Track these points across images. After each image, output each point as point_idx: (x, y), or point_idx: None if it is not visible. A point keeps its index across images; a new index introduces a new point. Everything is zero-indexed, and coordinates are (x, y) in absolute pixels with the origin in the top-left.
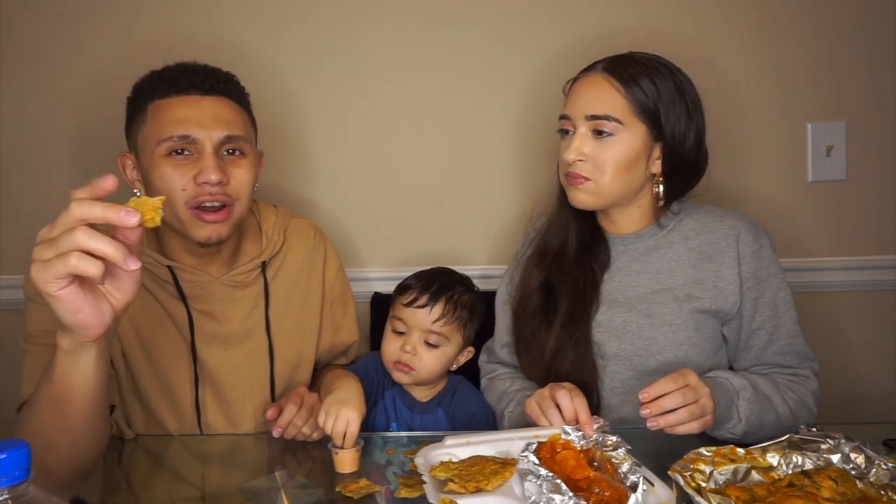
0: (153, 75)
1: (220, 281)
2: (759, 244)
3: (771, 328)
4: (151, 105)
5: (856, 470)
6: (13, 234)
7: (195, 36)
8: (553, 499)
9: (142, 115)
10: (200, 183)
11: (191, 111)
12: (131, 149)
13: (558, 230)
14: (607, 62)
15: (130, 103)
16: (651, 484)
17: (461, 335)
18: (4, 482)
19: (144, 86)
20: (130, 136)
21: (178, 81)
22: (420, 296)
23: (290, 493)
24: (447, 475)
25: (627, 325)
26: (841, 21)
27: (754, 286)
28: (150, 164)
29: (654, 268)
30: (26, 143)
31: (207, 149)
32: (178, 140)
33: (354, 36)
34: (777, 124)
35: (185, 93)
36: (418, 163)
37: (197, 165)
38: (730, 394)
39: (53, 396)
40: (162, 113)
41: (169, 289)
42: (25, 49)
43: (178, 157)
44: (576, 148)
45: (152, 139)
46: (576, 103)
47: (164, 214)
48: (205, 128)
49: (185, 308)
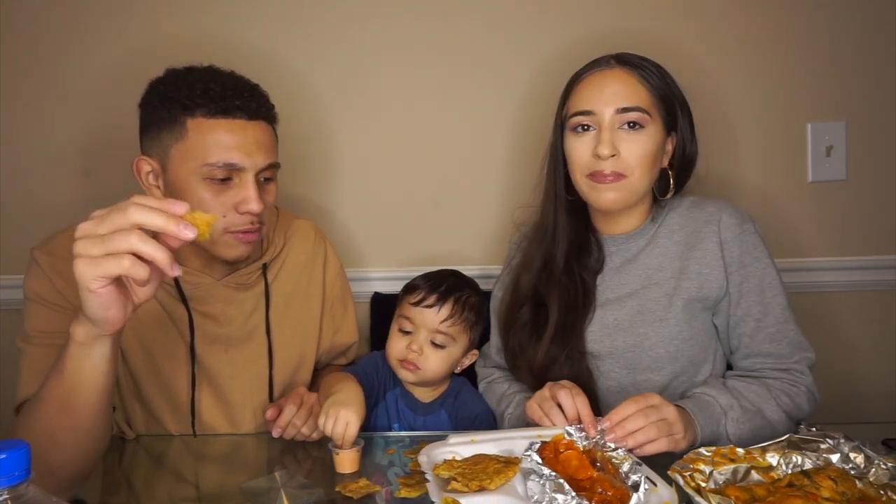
0: (190, 84)
1: (221, 283)
2: (743, 228)
3: (758, 314)
4: (193, 121)
5: (855, 470)
6: (13, 235)
7: (184, 35)
8: (556, 498)
9: (178, 128)
10: (243, 212)
11: (237, 139)
12: (151, 153)
13: (545, 236)
14: (616, 58)
15: (156, 107)
16: (653, 483)
17: (467, 337)
18: (4, 482)
19: (181, 96)
20: (154, 141)
21: (224, 102)
22: (428, 295)
23: (290, 493)
24: (450, 474)
25: (619, 323)
26: (841, 21)
27: (738, 270)
28: (182, 180)
29: (643, 264)
30: (26, 143)
31: (250, 178)
32: (223, 167)
33: (353, 38)
34: (777, 124)
35: (231, 116)
36: (417, 163)
37: (238, 193)
38: (716, 415)
39: (62, 392)
40: (208, 135)
41: (170, 290)
42: (26, 49)
43: (219, 183)
44: (609, 141)
45: (193, 158)
46: (598, 97)
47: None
48: (250, 156)
49: (185, 309)
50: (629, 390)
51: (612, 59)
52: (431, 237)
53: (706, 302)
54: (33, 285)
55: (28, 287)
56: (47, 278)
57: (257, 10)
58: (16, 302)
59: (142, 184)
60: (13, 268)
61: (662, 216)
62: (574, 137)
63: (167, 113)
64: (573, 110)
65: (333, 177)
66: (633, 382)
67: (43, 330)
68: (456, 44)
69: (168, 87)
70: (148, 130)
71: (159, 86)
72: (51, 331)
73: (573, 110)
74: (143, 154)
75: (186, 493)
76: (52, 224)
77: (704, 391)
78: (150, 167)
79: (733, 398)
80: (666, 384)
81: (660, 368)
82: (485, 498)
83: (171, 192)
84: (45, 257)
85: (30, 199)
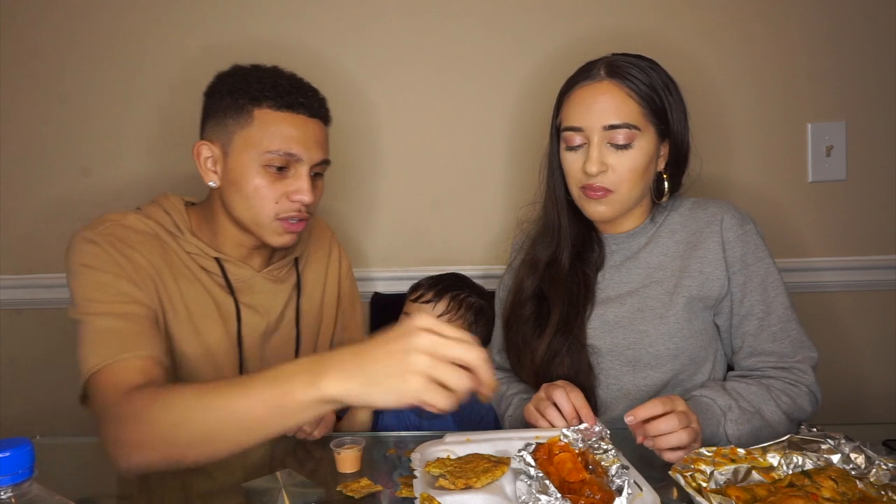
0: (259, 79)
1: (261, 275)
2: (744, 229)
3: (761, 313)
4: (259, 110)
5: (856, 470)
6: (13, 235)
7: (192, 27)
8: (539, 499)
9: (244, 116)
10: (294, 200)
11: (299, 131)
12: (213, 139)
13: (550, 239)
14: (607, 67)
15: (224, 96)
16: (639, 488)
17: None
18: (8, 480)
19: (251, 88)
20: (219, 127)
21: (289, 97)
22: (426, 292)
23: (292, 492)
24: (441, 471)
25: (620, 321)
26: (841, 21)
27: (741, 270)
28: (242, 166)
29: (644, 262)
30: (26, 143)
31: (304, 170)
32: (283, 155)
33: (353, 37)
34: (777, 124)
35: (294, 111)
36: (418, 163)
37: (292, 183)
38: (715, 417)
39: (249, 415)
40: (273, 125)
41: (218, 280)
42: (26, 49)
43: (276, 171)
44: (597, 159)
45: (256, 145)
46: (587, 114)
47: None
48: (308, 149)
49: (233, 300)
50: (629, 388)
51: (603, 70)
52: (431, 237)
53: (707, 301)
54: (87, 258)
55: (78, 260)
56: (102, 249)
57: (256, 9)
58: (16, 302)
59: (199, 167)
60: (13, 268)
61: (663, 216)
62: (567, 152)
63: (234, 102)
64: (564, 124)
65: (334, 177)
66: (633, 380)
67: (101, 299)
68: (456, 43)
69: (237, 79)
70: (213, 117)
71: (228, 78)
72: (106, 300)
73: (564, 124)
74: (204, 139)
75: (187, 492)
76: (52, 224)
77: (703, 394)
78: (211, 152)
79: (731, 399)
80: (666, 382)
81: (660, 365)
82: (468, 496)
83: (230, 177)
84: (100, 235)
85: (30, 199)
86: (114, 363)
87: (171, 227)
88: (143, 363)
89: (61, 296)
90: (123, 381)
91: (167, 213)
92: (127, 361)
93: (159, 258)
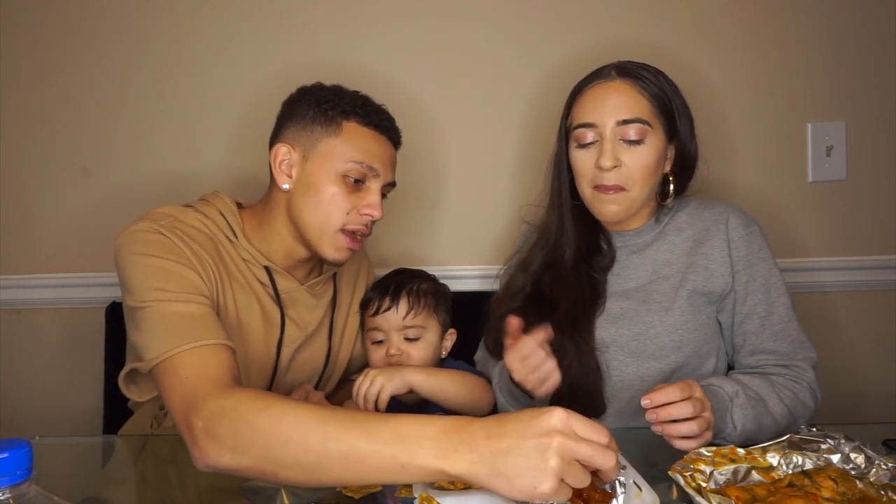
0: (350, 96)
1: (303, 288)
2: (749, 230)
3: (763, 312)
4: (348, 123)
5: (856, 470)
6: (13, 235)
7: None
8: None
9: (332, 125)
10: (364, 213)
11: (381, 149)
12: (295, 143)
13: (549, 243)
14: (618, 69)
15: (311, 105)
16: (639, 488)
17: (436, 320)
18: (6, 481)
19: (343, 102)
20: (304, 132)
21: (377, 117)
22: (381, 300)
23: (291, 491)
24: None
25: (625, 313)
26: (841, 21)
27: (745, 269)
28: (324, 171)
29: (651, 259)
30: (26, 143)
31: (378, 186)
32: (366, 168)
33: (354, 37)
34: (777, 124)
35: (379, 131)
36: (418, 163)
37: (364, 197)
38: (724, 402)
39: (368, 461)
40: (359, 139)
41: (268, 290)
42: (26, 49)
43: (353, 183)
44: (611, 153)
45: (341, 154)
46: (600, 110)
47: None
48: (385, 167)
49: (280, 312)
50: (632, 380)
51: (613, 71)
52: (432, 237)
53: (711, 296)
54: (153, 249)
55: (141, 250)
56: (171, 241)
57: (252, 14)
58: (16, 302)
59: (273, 169)
60: (13, 268)
61: (668, 217)
62: (578, 150)
63: (323, 113)
64: (576, 122)
65: None
66: (637, 370)
67: (170, 288)
68: (457, 44)
69: (326, 92)
70: (297, 123)
71: (316, 90)
72: (183, 286)
73: (576, 122)
74: (284, 142)
75: (187, 492)
76: (53, 224)
77: (710, 382)
78: (289, 155)
79: (738, 385)
80: (670, 373)
81: (664, 357)
82: (466, 497)
83: (307, 181)
84: (165, 228)
85: (30, 199)
86: (193, 348)
87: (228, 232)
88: (226, 352)
89: (61, 296)
90: (213, 369)
91: (223, 216)
92: (208, 348)
93: (217, 259)
